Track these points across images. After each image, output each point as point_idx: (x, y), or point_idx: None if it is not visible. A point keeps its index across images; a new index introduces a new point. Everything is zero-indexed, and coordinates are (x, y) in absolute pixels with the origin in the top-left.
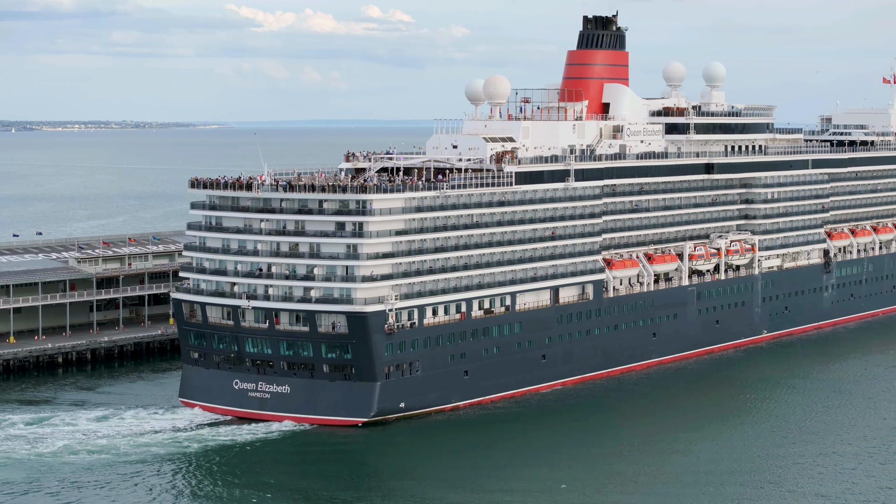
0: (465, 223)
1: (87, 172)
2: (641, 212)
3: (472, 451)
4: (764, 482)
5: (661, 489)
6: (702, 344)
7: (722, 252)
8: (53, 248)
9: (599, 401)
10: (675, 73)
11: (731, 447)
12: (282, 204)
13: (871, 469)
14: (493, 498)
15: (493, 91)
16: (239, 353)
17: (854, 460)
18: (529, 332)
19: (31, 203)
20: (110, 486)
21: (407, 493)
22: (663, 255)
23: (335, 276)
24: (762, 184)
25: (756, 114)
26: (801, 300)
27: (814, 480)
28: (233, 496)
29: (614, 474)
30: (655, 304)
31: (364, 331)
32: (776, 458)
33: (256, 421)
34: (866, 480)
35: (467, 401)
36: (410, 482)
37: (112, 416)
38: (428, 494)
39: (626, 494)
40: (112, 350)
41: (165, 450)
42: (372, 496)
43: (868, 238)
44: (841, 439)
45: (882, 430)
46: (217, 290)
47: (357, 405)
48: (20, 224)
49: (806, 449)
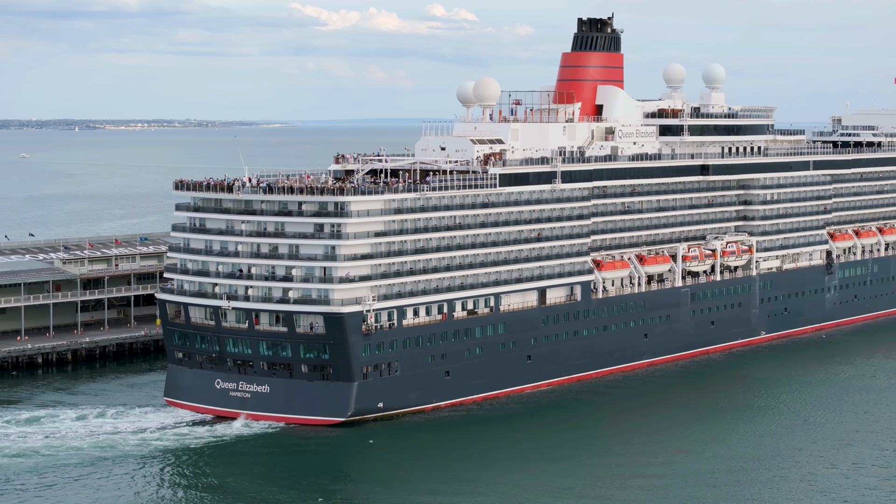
0: (446, 225)
1: (135, 171)
2: (633, 213)
3: (447, 452)
4: (744, 486)
5: (635, 495)
6: (696, 345)
7: (718, 253)
8: (42, 248)
9: (586, 402)
10: (676, 74)
11: (717, 450)
12: (262, 206)
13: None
14: (454, 500)
15: (483, 93)
16: (220, 353)
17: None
18: (514, 332)
19: (69, 202)
20: (81, 484)
21: (374, 494)
22: (655, 256)
23: (313, 277)
24: (760, 185)
25: (755, 115)
26: (801, 301)
27: (804, 483)
28: (200, 495)
29: (592, 476)
30: (647, 305)
31: (341, 331)
32: (757, 461)
33: (238, 420)
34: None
35: (448, 401)
36: (379, 483)
37: (88, 415)
38: (395, 495)
39: (602, 500)
40: (93, 351)
41: (140, 449)
42: (339, 494)
43: (873, 239)
44: (832, 442)
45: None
46: (200, 291)
47: (334, 405)
48: (36, 225)
49: (794, 452)
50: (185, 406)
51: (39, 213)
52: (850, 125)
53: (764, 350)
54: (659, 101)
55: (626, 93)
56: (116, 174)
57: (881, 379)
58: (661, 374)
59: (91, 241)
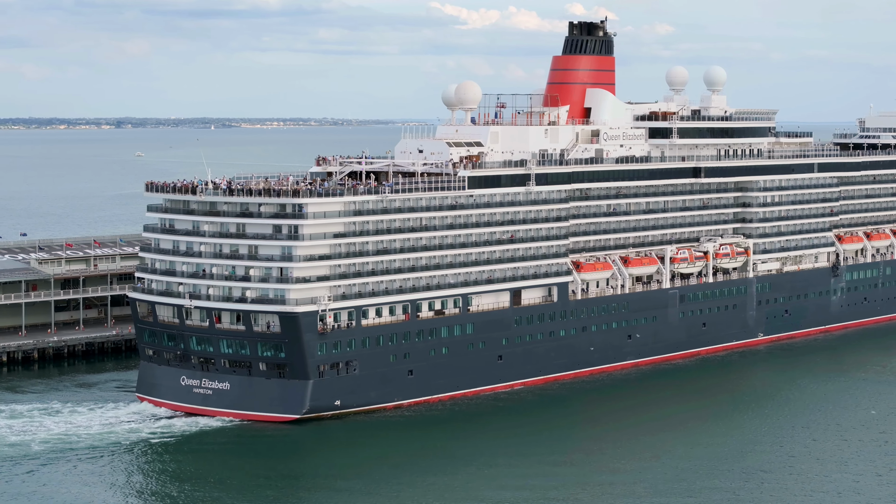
0: (410, 226)
1: (235, 170)
2: (620, 215)
3: (399, 450)
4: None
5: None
6: (686, 346)
7: (710, 255)
8: (24, 248)
9: (559, 402)
10: (678, 77)
11: (696, 452)
12: (226, 207)
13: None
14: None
15: (464, 96)
16: (185, 350)
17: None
18: (484, 332)
19: (130, 203)
20: (33, 478)
21: (318, 489)
22: (641, 258)
23: (271, 277)
24: (759, 187)
25: (754, 118)
26: (804, 303)
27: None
28: (154, 489)
29: (541, 475)
30: (631, 307)
31: (296, 331)
32: (734, 464)
33: (200, 416)
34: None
35: (412, 400)
36: (326, 479)
37: (52, 411)
38: (343, 492)
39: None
40: (61, 350)
41: (102, 442)
42: (287, 489)
43: (886, 241)
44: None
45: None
46: (167, 290)
47: (290, 402)
48: (92, 223)
49: (772, 457)
50: (155, 402)
51: (112, 212)
52: (872, 127)
53: (760, 352)
54: (652, 104)
55: (614, 96)
56: (226, 173)
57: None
58: (644, 376)
59: (69, 241)
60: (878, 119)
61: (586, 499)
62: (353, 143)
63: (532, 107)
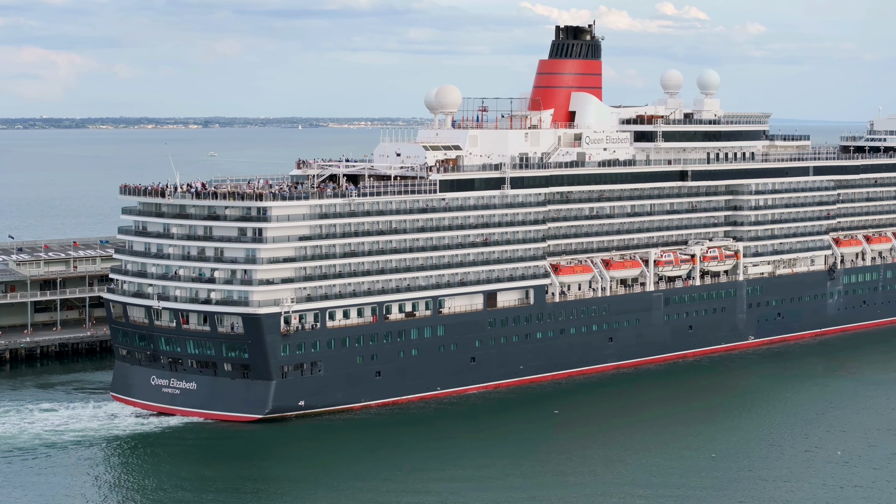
0: (379, 229)
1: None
2: (603, 218)
3: (362, 451)
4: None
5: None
6: (671, 349)
7: (697, 258)
8: (7, 250)
9: (532, 403)
10: (672, 80)
11: (653, 459)
12: (194, 210)
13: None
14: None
15: (444, 100)
16: (155, 351)
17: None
18: (455, 334)
19: None
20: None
21: (279, 488)
22: (623, 261)
23: (235, 279)
24: (749, 190)
25: (746, 121)
26: (798, 307)
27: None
28: (117, 487)
29: (502, 476)
30: (612, 309)
31: (259, 332)
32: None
33: (169, 416)
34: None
35: (379, 401)
36: (286, 478)
37: (23, 410)
38: (303, 488)
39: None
40: (34, 350)
41: (69, 439)
42: (247, 487)
43: (886, 245)
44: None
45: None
46: (138, 292)
47: (254, 402)
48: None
49: (751, 462)
50: (128, 401)
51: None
52: (879, 129)
53: (750, 354)
54: (639, 108)
55: (599, 100)
56: (263, 171)
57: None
58: (625, 378)
59: (46, 243)
60: (886, 121)
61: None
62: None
63: (514, 110)
